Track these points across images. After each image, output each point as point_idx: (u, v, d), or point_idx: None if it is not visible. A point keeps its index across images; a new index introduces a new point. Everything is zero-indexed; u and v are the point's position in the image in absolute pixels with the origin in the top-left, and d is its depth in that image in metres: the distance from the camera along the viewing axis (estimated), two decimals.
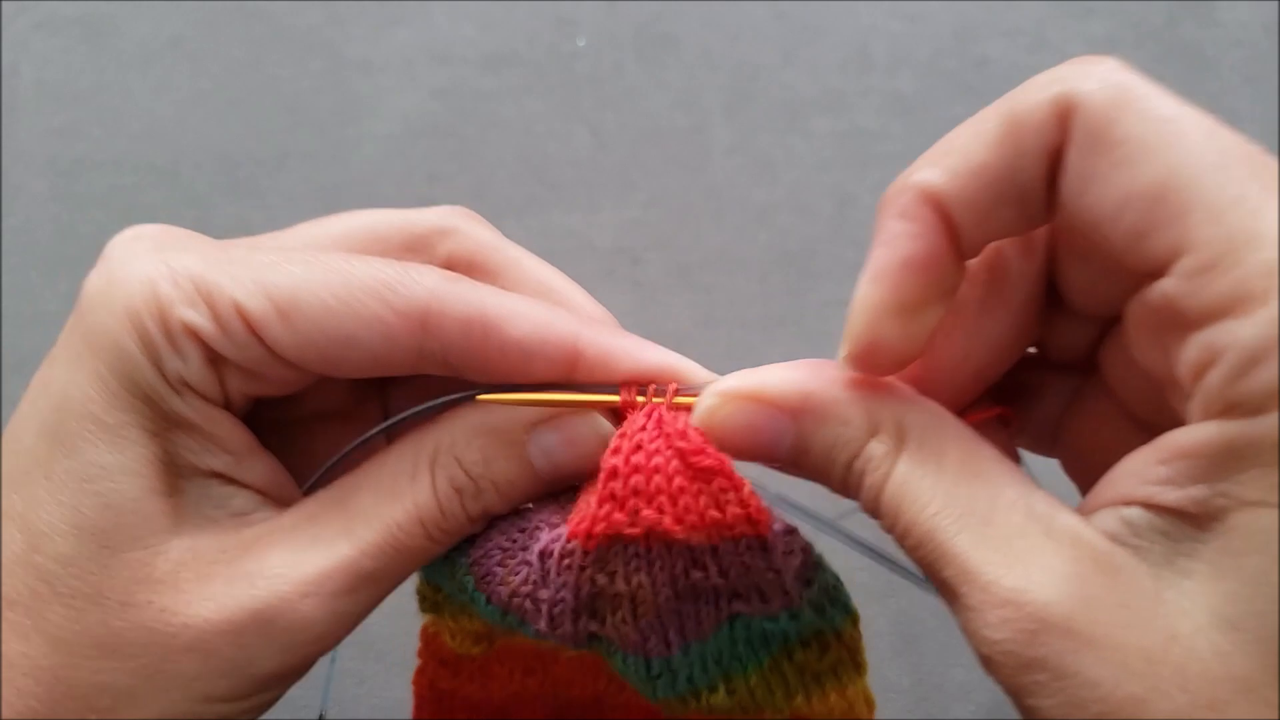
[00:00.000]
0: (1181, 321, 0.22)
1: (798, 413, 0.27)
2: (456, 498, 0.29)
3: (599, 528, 0.27)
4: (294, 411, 0.33)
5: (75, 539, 0.27)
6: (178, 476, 0.29)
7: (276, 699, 0.30)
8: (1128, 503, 0.24)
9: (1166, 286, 0.22)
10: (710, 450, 0.27)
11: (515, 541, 0.30)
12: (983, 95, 0.78)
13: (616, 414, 0.30)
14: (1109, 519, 0.24)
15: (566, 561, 0.28)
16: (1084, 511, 0.25)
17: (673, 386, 0.29)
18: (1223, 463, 0.22)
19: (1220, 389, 0.21)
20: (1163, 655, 0.21)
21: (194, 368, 0.28)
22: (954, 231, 0.25)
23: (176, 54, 0.66)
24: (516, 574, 0.29)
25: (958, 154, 0.25)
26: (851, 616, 0.31)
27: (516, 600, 0.29)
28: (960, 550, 0.24)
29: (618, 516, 0.27)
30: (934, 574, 0.25)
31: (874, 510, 0.27)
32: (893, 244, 0.25)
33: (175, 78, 0.65)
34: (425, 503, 0.29)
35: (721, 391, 0.28)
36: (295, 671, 0.29)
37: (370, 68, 0.65)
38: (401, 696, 0.45)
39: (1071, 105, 0.23)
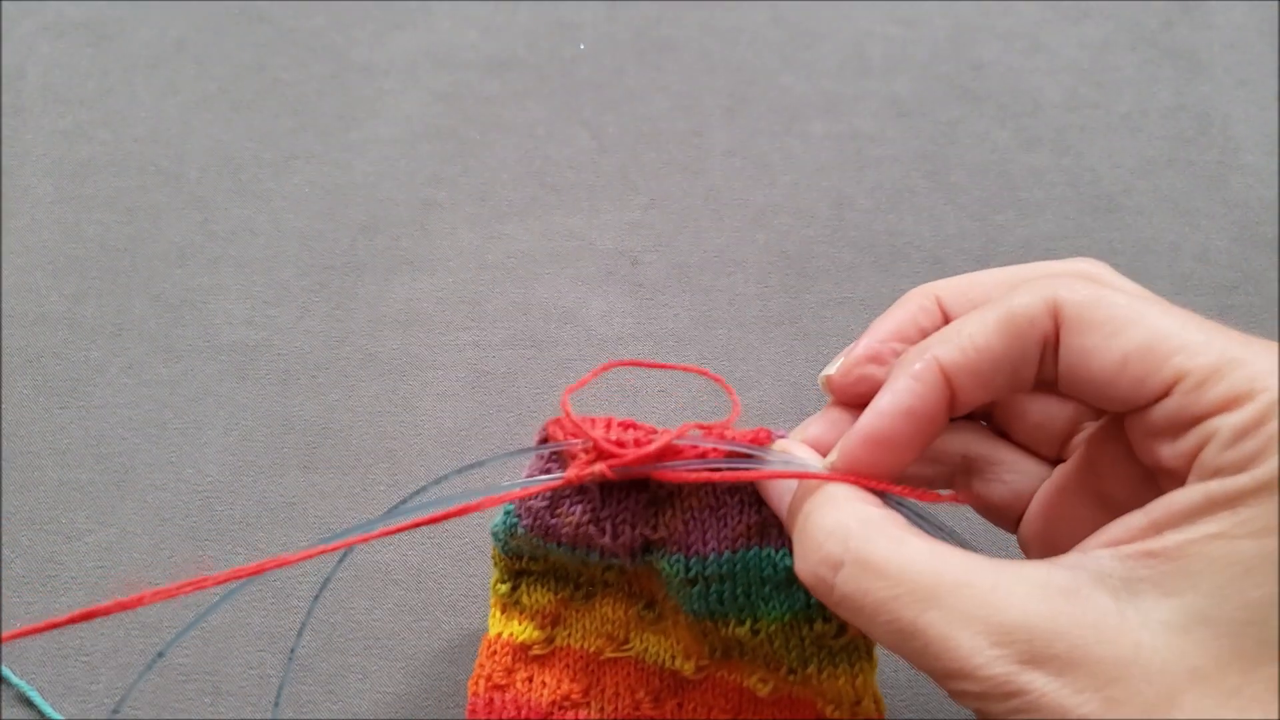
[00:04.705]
0: (1181, 424, 0.28)
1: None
2: None
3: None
4: None
5: None
6: None
7: None
8: (1097, 549, 0.29)
9: (1169, 404, 0.29)
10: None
11: (549, 499, 0.35)
12: (979, 98, 0.78)
13: None
14: (1070, 561, 0.29)
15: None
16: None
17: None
18: (1200, 510, 0.27)
19: (1212, 458, 0.27)
20: (1132, 658, 0.26)
21: None
22: (953, 396, 0.31)
23: (181, 57, 0.66)
24: (573, 513, 0.35)
25: (967, 337, 0.31)
26: None
27: (581, 530, 0.35)
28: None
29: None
30: (918, 611, 0.28)
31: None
32: (901, 395, 0.31)
33: (180, 81, 0.65)
34: None
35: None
36: None
37: (374, 71, 0.66)
38: (404, 692, 0.45)
39: (1059, 302, 0.30)
